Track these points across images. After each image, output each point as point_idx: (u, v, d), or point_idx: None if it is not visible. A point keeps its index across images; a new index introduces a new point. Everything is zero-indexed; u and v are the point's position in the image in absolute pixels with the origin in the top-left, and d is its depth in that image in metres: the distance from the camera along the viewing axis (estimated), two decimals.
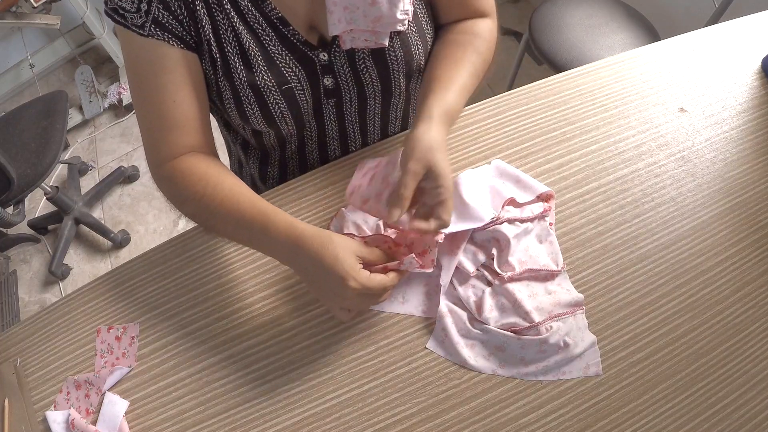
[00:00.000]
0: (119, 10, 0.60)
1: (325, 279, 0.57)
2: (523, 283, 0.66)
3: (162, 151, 0.66)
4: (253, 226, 0.60)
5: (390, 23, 0.64)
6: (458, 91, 0.65)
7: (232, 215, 0.61)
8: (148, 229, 2.03)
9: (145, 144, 0.67)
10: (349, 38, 0.66)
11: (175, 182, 0.65)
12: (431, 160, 0.57)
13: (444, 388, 0.62)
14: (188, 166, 0.65)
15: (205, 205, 0.63)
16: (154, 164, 0.67)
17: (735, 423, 0.59)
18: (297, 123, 0.74)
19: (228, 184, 0.63)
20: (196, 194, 0.63)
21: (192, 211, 0.66)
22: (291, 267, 0.62)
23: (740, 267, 0.68)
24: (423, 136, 0.59)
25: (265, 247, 0.62)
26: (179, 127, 0.65)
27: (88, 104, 2.35)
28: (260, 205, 0.61)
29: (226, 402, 0.63)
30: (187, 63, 0.63)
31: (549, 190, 0.73)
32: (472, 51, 0.69)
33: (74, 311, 0.72)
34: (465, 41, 0.70)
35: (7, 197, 1.51)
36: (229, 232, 0.64)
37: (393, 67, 0.71)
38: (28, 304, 1.92)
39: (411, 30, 0.70)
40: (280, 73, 0.67)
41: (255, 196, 0.63)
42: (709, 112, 0.83)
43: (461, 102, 0.66)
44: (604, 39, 1.43)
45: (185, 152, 0.66)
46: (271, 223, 0.59)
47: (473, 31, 0.72)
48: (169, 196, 0.67)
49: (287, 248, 0.58)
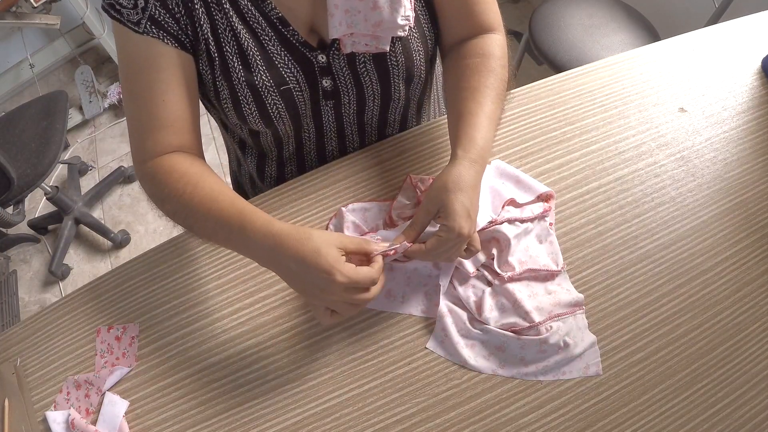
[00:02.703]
0: (116, 6, 0.60)
1: (308, 276, 0.54)
2: (523, 283, 0.66)
3: (147, 148, 0.65)
4: (231, 225, 0.58)
5: (391, 28, 0.64)
6: (485, 124, 0.63)
7: (211, 214, 0.60)
8: (148, 229, 2.03)
9: (132, 140, 0.67)
10: (350, 42, 0.66)
11: (157, 179, 0.64)
12: (444, 201, 0.59)
13: (444, 388, 0.62)
14: (171, 164, 0.64)
15: (184, 204, 0.61)
16: (139, 161, 0.66)
17: (735, 423, 0.59)
18: (294, 123, 0.74)
19: (209, 183, 0.62)
20: (176, 192, 0.62)
21: (172, 209, 0.64)
22: (271, 268, 0.59)
23: (740, 267, 0.68)
24: (442, 176, 0.60)
25: (243, 247, 0.60)
26: (166, 126, 0.64)
27: (88, 104, 2.35)
28: (239, 205, 0.60)
29: (226, 402, 0.63)
30: (180, 63, 0.63)
31: (549, 191, 0.73)
32: (488, 74, 0.67)
33: (74, 311, 0.72)
34: (479, 66, 0.67)
35: (7, 197, 1.51)
36: (208, 231, 0.62)
37: (393, 72, 0.71)
38: (28, 304, 1.92)
39: (413, 35, 0.70)
40: (278, 74, 0.67)
41: (235, 196, 0.62)
42: (709, 112, 0.83)
43: (490, 131, 0.64)
44: (604, 39, 1.43)
45: (170, 151, 0.65)
46: (248, 222, 0.58)
47: (484, 52, 0.69)
48: (150, 193, 0.67)
49: (266, 248, 0.56)
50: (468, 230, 0.58)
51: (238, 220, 0.58)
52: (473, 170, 0.61)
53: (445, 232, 0.58)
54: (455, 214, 0.58)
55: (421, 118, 0.87)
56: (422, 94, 0.83)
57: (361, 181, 0.77)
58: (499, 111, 0.67)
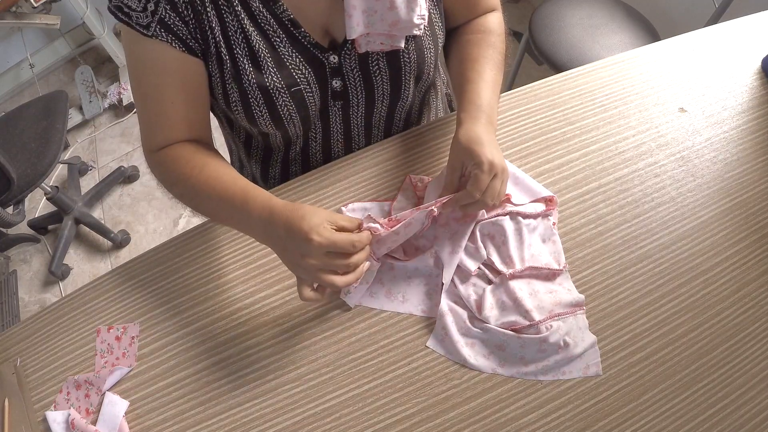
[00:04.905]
0: (123, 8, 0.60)
1: (292, 241, 0.56)
2: (525, 281, 0.66)
3: (157, 140, 0.68)
4: (234, 201, 0.61)
5: (407, 27, 0.65)
6: (485, 88, 0.68)
7: (215, 192, 0.63)
8: (148, 229, 2.03)
9: (142, 130, 0.70)
10: (365, 41, 0.66)
11: (167, 166, 0.67)
12: (463, 152, 0.62)
13: (444, 388, 0.62)
14: (179, 151, 0.67)
15: (191, 185, 0.65)
16: (149, 150, 0.70)
17: (735, 423, 0.59)
18: (304, 124, 0.74)
19: (214, 164, 0.66)
20: (184, 175, 0.65)
21: (180, 192, 0.68)
22: (266, 242, 0.62)
23: (740, 267, 0.68)
24: (454, 138, 0.64)
25: (244, 222, 0.62)
26: (176, 124, 0.67)
27: (88, 104, 2.35)
28: (241, 182, 0.63)
29: (226, 402, 0.63)
30: (187, 67, 0.64)
31: (551, 195, 0.72)
32: (487, 47, 0.72)
33: (74, 311, 0.72)
34: (479, 40, 0.73)
35: (7, 197, 1.51)
36: (212, 209, 0.65)
37: (405, 70, 0.72)
38: (28, 304, 1.92)
39: (425, 33, 0.70)
40: (289, 75, 0.67)
41: (238, 175, 0.65)
42: (709, 112, 0.83)
43: (493, 96, 0.68)
44: (604, 39, 1.43)
45: (178, 142, 0.68)
46: (250, 197, 0.61)
47: (484, 28, 0.74)
48: (160, 179, 0.70)
49: (262, 221, 0.59)
50: (499, 159, 0.61)
51: (241, 196, 0.61)
52: (479, 125, 0.63)
53: (477, 167, 0.60)
54: (478, 151, 0.60)
55: (423, 115, 0.88)
56: (427, 92, 0.84)
57: (362, 180, 0.77)
58: (498, 78, 0.71)
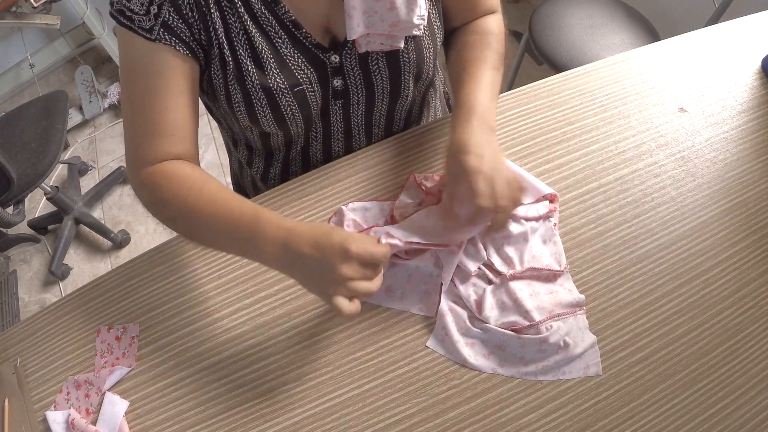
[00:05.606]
0: (126, 12, 0.59)
1: (323, 256, 0.53)
2: (525, 282, 0.67)
3: (145, 155, 0.63)
4: (242, 223, 0.58)
5: (407, 27, 0.65)
6: (482, 88, 0.67)
7: (219, 215, 0.59)
8: (148, 229, 2.03)
9: (128, 146, 0.65)
10: (365, 42, 0.67)
11: (158, 184, 0.62)
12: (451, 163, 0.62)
13: (444, 388, 0.62)
14: (171, 169, 0.63)
15: (189, 207, 0.60)
16: (135, 166, 0.64)
17: (735, 423, 0.59)
18: (306, 124, 0.74)
19: (214, 186, 0.62)
20: (179, 196, 0.60)
21: (172, 214, 0.63)
22: (281, 268, 0.58)
23: (740, 267, 0.68)
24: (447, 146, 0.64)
25: (252, 245, 0.57)
26: (166, 135, 0.63)
27: (88, 104, 2.35)
28: (249, 204, 0.60)
29: (226, 402, 0.63)
30: (186, 71, 0.63)
31: (553, 192, 0.73)
32: (484, 48, 0.72)
33: (74, 311, 0.72)
34: (477, 41, 0.73)
35: (7, 197, 1.51)
36: (212, 233, 0.60)
37: (405, 69, 0.72)
38: (28, 304, 1.92)
39: (425, 33, 0.70)
40: (291, 75, 0.67)
41: (243, 198, 0.61)
42: (709, 112, 0.83)
43: (487, 94, 0.67)
44: (604, 39, 1.43)
45: (169, 159, 0.64)
46: (263, 219, 0.57)
47: (483, 29, 0.74)
48: (147, 200, 0.65)
49: (277, 244, 0.55)
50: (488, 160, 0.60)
51: (252, 217, 0.58)
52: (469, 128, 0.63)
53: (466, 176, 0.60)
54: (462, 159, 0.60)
55: (423, 114, 0.88)
56: (427, 91, 0.84)
57: (362, 180, 0.77)
58: (495, 79, 0.70)
